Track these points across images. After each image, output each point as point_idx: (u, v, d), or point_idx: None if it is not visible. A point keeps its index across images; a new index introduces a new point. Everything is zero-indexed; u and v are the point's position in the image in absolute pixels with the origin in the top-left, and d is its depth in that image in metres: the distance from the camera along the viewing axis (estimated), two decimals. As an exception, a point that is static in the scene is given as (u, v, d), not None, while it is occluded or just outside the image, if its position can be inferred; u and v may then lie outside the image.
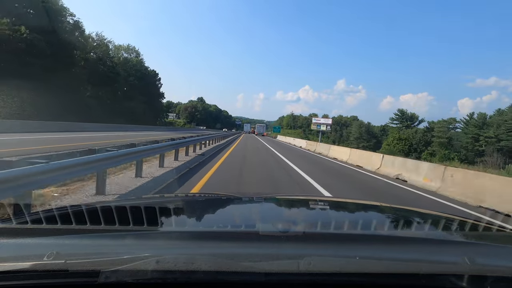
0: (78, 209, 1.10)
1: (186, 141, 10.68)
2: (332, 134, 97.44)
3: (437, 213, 1.67)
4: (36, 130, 17.35)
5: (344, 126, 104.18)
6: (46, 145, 10.35)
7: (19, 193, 2.77)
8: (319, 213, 1.60)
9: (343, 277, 0.70)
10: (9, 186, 2.60)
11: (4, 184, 2.55)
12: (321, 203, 1.95)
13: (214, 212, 1.49)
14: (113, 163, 4.86)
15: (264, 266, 0.69)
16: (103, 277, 0.63)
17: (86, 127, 24.93)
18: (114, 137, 18.28)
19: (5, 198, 2.60)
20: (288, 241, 0.86)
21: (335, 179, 9.40)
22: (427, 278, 0.71)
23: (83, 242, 0.82)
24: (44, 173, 3.03)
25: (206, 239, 0.91)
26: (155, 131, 39.25)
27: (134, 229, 0.94)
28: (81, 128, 23.76)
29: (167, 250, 0.80)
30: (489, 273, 0.73)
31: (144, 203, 1.49)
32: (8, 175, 2.59)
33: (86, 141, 13.08)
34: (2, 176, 2.52)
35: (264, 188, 6.61)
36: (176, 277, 0.66)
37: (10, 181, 2.60)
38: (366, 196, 6.76)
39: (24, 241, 0.80)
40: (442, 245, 0.97)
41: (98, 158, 4.21)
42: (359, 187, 8.36)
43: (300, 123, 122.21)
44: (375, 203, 1.89)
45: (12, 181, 2.63)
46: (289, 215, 1.55)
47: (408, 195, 7.43)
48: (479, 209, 6.26)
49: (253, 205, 1.68)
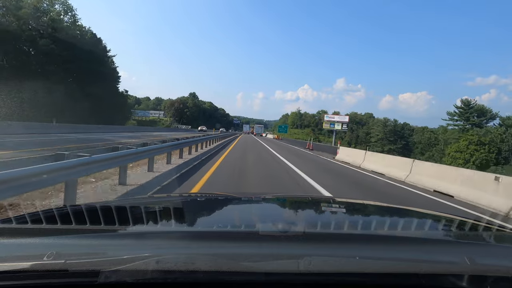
0: (78, 209, 1.11)
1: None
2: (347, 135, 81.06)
3: (437, 213, 1.65)
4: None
5: (358, 124, 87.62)
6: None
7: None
8: (319, 213, 1.60)
9: (343, 277, 0.70)
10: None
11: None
12: (321, 203, 1.97)
13: (214, 212, 1.48)
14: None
15: (264, 266, 0.69)
16: (103, 277, 0.63)
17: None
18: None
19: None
20: (288, 241, 0.86)
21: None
22: (427, 278, 0.71)
23: (83, 242, 0.82)
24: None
25: (206, 239, 0.90)
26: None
27: (134, 229, 0.96)
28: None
29: (167, 250, 0.79)
30: (489, 273, 0.73)
31: (144, 203, 1.51)
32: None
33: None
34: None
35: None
36: (176, 277, 0.65)
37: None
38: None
39: (24, 241, 0.80)
40: (442, 245, 0.96)
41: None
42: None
43: (307, 122, 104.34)
44: (375, 203, 1.89)
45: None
46: (289, 215, 1.55)
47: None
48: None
49: (253, 205, 1.67)
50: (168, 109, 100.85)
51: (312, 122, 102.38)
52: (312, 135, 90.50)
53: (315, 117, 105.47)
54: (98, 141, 15.79)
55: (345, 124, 55.50)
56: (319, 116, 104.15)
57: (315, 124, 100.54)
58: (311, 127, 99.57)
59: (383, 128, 75.20)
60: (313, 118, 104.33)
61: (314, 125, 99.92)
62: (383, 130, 74.60)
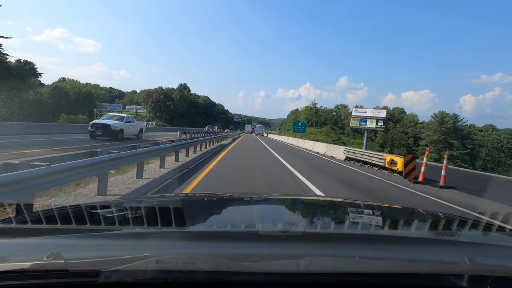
0: (78, 209, 1.11)
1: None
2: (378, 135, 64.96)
3: (437, 213, 1.65)
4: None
5: (389, 121, 70.63)
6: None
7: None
8: (319, 213, 1.59)
9: (343, 277, 0.70)
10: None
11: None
12: (321, 203, 1.98)
13: (214, 212, 1.47)
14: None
15: (264, 266, 0.69)
16: (103, 277, 0.63)
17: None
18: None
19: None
20: (288, 241, 0.86)
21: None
22: (427, 278, 0.71)
23: (83, 242, 0.82)
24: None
25: (206, 239, 0.90)
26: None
27: (134, 229, 0.96)
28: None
29: (167, 250, 0.79)
30: (489, 273, 0.73)
31: (144, 203, 1.50)
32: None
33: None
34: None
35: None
36: (176, 277, 0.65)
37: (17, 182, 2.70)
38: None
39: (24, 241, 0.80)
40: (442, 245, 0.96)
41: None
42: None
43: (323, 118, 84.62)
44: (375, 203, 1.90)
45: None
46: (289, 215, 1.54)
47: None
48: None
49: (253, 205, 1.66)
50: (145, 101, 78.10)
51: (329, 118, 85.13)
52: (333, 135, 74.53)
53: (333, 112, 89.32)
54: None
55: (381, 121, 38.22)
56: (337, 112, 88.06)
57: (333, 122, 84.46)
58: (329, 124, 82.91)
59: (439, 126, 54.15)
60: (330, 114, 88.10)
61: (332, 123, 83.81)
62: (440, 129, 53.59)
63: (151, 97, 76.60)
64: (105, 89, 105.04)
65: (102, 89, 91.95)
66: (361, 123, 41.27)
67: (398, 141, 64.75)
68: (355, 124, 42.51)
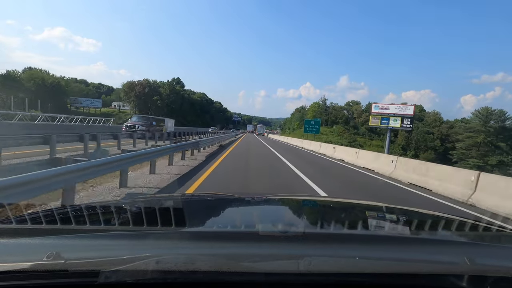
0: (78, 209, 1.12)
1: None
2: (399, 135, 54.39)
3: (437, 213, 1.65)
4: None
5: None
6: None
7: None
8: (319, 213, 1.60)
9: (343, 277, 0.70)
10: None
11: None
12: (320, 203, 1.98)
13: (214, 212, 1.47)
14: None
15: (264, 266, 0.70)
16: (103, 277, 0.63)
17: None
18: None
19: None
20: (288, 241, 0.86)
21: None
22: (427, 278, 0.71)
23: (83, 242, 0.82)
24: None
25: (206, 239, 0.90)
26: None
27: (134, 229, 0.95)
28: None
29: (167, 250, 0.79)
30: (489, 273, 0.73)
31: (144, 203, 1.50)
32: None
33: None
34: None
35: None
36: (176, 277, 0.66)
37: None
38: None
39: (24, 241, 0.80)
40: (442, 245, 0.96)
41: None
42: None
43: (333, 116, 74.58)
44: (375, 204, 1.88)
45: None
46: (289, 215, 1.54)
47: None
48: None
49: (253, 205, 1.67)
50: (127, 95, 65.57)
51: (340, 116, 74.79)
52: (347, 135, 64.08)
53: (343, 109, 78.75)
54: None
55: (407, 119, 29.61)
56: (349, 109, 77.56)
57: (344, 120, 73.94)
58: (340, 123, 72.06)
59: (483, 125, 41.20)
60: (341, 112, 77.44)
61: (343, 121, 73.21)
62: (485, 129, 40.77)
63: (134, 91, 64.54)
64: (93, 84, 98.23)
65: (80, 82, 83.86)
66: (383, 121, 30.95)
67: (423, 143, 53.95)
68: (375, 123, 32.04)
